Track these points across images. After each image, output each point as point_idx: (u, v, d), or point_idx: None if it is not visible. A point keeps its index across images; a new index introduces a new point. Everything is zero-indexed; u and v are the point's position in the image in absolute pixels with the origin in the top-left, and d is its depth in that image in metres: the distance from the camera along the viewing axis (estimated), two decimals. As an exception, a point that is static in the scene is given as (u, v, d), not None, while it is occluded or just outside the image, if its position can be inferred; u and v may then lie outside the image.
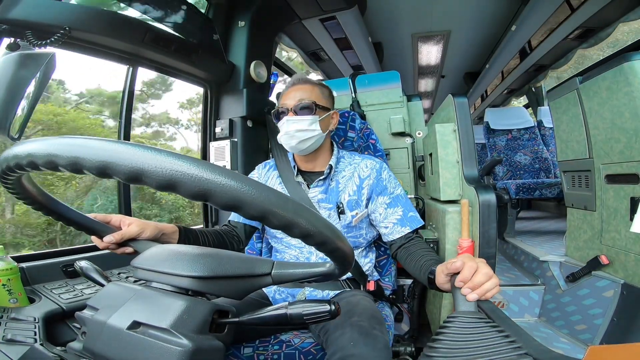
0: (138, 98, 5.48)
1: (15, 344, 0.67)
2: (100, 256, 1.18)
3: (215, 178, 0.32)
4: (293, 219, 0.36)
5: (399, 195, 1.13)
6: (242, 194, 0.33)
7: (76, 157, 0.33)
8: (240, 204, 0.33)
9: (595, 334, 1.34)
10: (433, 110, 6.37)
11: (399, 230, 1.08)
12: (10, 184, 0.43)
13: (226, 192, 0.33)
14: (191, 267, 0.47)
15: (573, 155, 1.62)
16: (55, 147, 0.34)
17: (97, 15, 1.18)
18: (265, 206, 0.34)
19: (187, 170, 0.32)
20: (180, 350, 0.38)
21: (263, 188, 0.35)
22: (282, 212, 0.35)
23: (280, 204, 0.35)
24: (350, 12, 2.43)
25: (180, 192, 0.33)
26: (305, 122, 1.06)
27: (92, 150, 0.33)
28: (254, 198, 0.34)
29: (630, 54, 1.27)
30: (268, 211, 0.34)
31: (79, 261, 0.61)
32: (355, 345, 0.75)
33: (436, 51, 3.86)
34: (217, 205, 0.34)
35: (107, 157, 0.33)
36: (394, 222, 1.09)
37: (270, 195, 0.35)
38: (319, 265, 0.48)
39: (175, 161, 0.32)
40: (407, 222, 1.08)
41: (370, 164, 1.16)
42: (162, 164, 0.32)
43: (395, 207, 1.10)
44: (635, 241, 1.27)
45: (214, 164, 0.34)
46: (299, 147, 1.09)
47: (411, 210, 1.11)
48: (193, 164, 0.32)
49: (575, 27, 2.71)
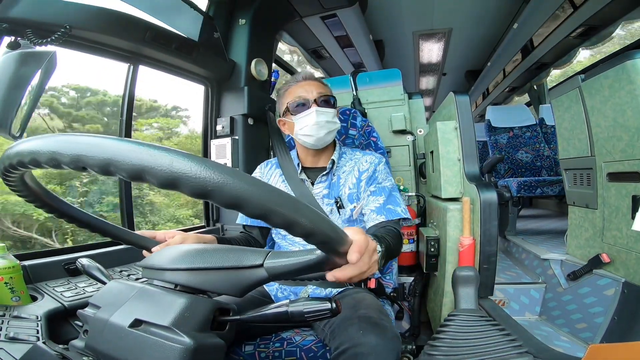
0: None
1: (17, 342, 0.68)
2: (102, 254, 1.19)
3: (216, 177, 0.32)
4: (293, 217, 0.36)
5: (386, 187, 1.12)
6: (243, 192, 0.33)
7: (79, 154, 0.33)
8: (241, 203, 0.33)
9: (596, 333, 1.34)
10: (434, 108, 6.36)
11: (374, 217, 1.06)
12: (13, 181, 0.43)
13: (228, 191, 0.32)
14: (179, 260, 0.47)
15: (575, 153, 1.61)
16: (58, 144, 0.34)
17: (98, 13, 1.18)
18: (265, 205, 0.34)
19: (190, 169, 0.32)
20: (181, 348, 0.38)
21: (264, 187, 0.35)
22: (282, 210, 0.35)
23: (279, 202, 0.35)
24: (351, 9, 2.43)
25: (183, 190, 0.32)
26: (331, 113, 1.10)
27: (96, 147, 0.33)
28: (256, 197, 0.33)
29: (633, 52, 1.26)
30: (268, 210, 0.34)
31: (80, 259, 0.61)
32: (365, 335, 0.75)
33: (437, 49, 3.84)
34: (219, 204, 0.34)
35: (80, 151, 0.33)
36: (371, 209, 1.08)
37: (270, 194, 0.35)
38: (312, 252, 0.46)
39: (180, 159, 0.32)
40: (383, 211, 1.06)
41: (370, 158, 1.16)
42: (165, 161, 0.32)
43: (377, 196, 1.09)
44: (636, 240, 1.26)
45: (215, 161, 0.34)
46: (325, 138, 1.10)
47: (393, 203, 1.08)
48: (196, 163, 0.32)
49: (577, 25, 2.69)
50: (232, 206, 0.33)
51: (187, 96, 4.86)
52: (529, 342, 0.48)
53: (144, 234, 0.75)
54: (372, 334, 0.75)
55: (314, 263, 0.45)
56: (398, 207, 1.09)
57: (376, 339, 0.74)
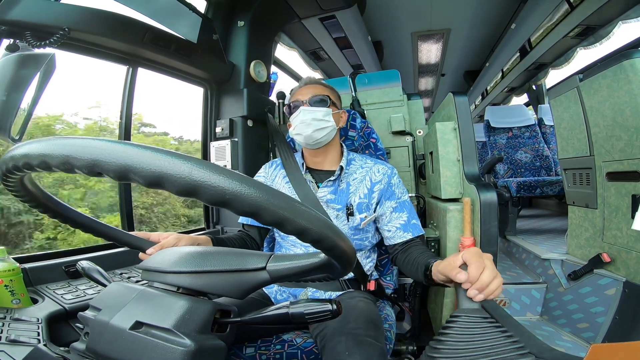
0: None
1: (18, 344, 0.67)
2: (102, 256, 1.19)
3: (235, 186, 0.32)
4: (284, 214, 0.36)
5: (405, 202, 1.15)
6: (260, 202, 0.33)
7: (96, 159, 0.32)
8: (258, 212, 0.33)
9: (597, 332, 1.34)
10: (433, 109, 6.37)
11: (401, 235, 1.09)
12: (12, 184, 0.43)
13: (245, 200, 0.33)
14: (181, 263, 0.47)
15: (574, 152, 1.62)
16: (74, 149, 0.33)
17: (97, 15, 1.18)
18: (280, 212, 0.34)
19: (209, 177, 0.32)
20: (182, 350, 0.38)
21: (281, 197, 0.35)
22: (292, 216, 0.35)
23: (294, 211, 0.35)
24: (349, 11, 2.43)
25: (201, 198, 0.33)
26: (321, 112, 1.10)
27: (113, 153, 0.32)
28: (273, 207, 0.34)
29: (630, 52, 1.27)
30: (283, 217, 0.35)
31: (81, 262, 0.61)
32: (351, 355, 0.75)
33: (436, 49, 3.85)
34: (236, 212, 0.34)
35: (97, 155, 0.32)
36: (397, 226, 1.10)
37: (286, 203, 0.35)
38: (315, 255, 0.47)
39: (200, 168, 0.32)
40: (409, 228, 1.10)
41: (382, 169, 1.17)
42: (185, 169, 0.32)
43: (400, 212, 1.12)
44: (636, 239, 1.27)
45: (234, 171, 0.34)
46: (314, 135, 1.10)
47: (415, 218, 1.13)
48: (215, 172, 0.32)
49: (575, 25, 2.70)
50: (249, 215, 0.34)
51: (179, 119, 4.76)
52: (531, 343, 0.48)
53: (137, 234, 0.75)
54: (357, 354, 0.75)
55: (317, 267, 0.46)
56: (419, 222, 1.13)
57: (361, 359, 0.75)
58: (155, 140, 3.48)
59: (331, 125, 1.12)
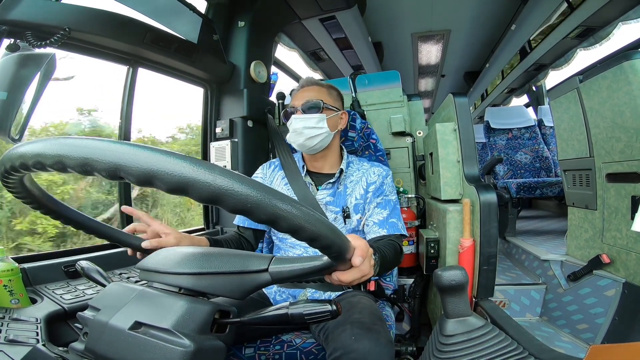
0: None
1: (17, 344, 0.67)
2: (102, 256, 1.19)
3: (257, 195, 0.33)
4: (300, 222, 0.36)
5: (391, 200, 1.15)
6: (253, 199, 0.33)
7: (119, 164, 0.32)
8: (249, 209, 0.34)
9: (596, 333, 1.33)
10: (433, 110, 6.37)
11: (376, 230, 1.09)
12: (12, 184, 0.43)
13: (264, 209, 0.33)
14: (183, 264, 0.47)
15: (574, 154, 1.62)
16: (65, 148, 0.33)
17: (97, 15, 1.18)
18: (274, 211, 0.35)
19: (233, 186, 0.32)
20: (181, 350, 0.38)
21: (273, 193, 0.35)
22: (290, 216, 0.36)
23: (288, 209, 0.36)
24: (349, 11, 2.43)
25: (223, 205, 0.33)
26: (313, 120, 1.09)
27: (136, 158, 0.32)
28: (264, 203, 0.34)
29: (630, 53, 1.27)
30: (277, 216, 0.35)
31: (80, 262, 0.61)
32: (358, 340, 0.74)
33: (436, 50, 3.85)
34: (255, 220, 0.35)
35: (88, 154, 0.32)
36: (375, 221, 1.10)
37: (279, 200, 0.35)
38: (318, 258, 0.47)
39: (223, 177, 0.32)
40: (386, 225, 1.09)
41: (378, 171, 1.18)
42: (209, 177, 0.32)
43: (382, 209, 1.12)
44: (636, 240, 1.27)
45: (255, 180, 0.35)
46: (306, 144, 1.11)
47: (395, 217, 1.12)
48: (238, 181, 0.33)
49: (575, 26, 2.70)
50: (242, 212, 0.34)
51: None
52: (530, 344, 0.48)
53: (140, 216, 0.77)
54: (365, 340, 0.74)
55: (319, 268, 0.47)
56: (400, 223, 1.11)
57: (369, 345, 0.73)
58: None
59: (325, 132, 1.11)
